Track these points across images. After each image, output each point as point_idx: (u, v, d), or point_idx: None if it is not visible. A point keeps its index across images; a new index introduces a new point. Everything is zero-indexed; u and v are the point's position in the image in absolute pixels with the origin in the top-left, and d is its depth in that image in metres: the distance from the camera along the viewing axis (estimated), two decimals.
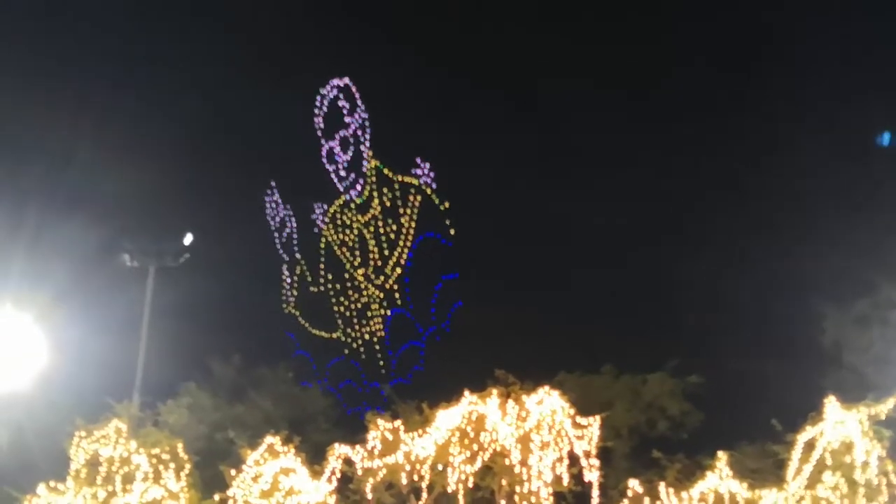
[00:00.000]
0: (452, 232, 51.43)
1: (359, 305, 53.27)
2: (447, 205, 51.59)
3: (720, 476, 21.16)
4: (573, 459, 21.86)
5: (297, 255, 55.01)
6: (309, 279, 54.44)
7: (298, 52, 51.54)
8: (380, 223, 53.15)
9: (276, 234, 55.46)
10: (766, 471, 22.57)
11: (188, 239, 38.28)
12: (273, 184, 55.61)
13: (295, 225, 55.24)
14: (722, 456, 21.43)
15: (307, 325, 53.84)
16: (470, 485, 22.13)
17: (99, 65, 49.01)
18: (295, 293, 54.79)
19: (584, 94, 47.24)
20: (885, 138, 38.24)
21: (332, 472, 22.57)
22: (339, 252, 53.88)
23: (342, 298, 53.61)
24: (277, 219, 55.56)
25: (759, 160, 43.86)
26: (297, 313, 54.28)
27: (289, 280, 55.05)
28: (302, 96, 54.44)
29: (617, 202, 45.26)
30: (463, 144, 49.47)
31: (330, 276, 53.95)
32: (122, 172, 43.14)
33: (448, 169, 51.30)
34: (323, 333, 53.54)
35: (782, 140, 43.27)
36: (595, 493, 21.79)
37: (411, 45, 51.69)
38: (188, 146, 49.13)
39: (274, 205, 55.62)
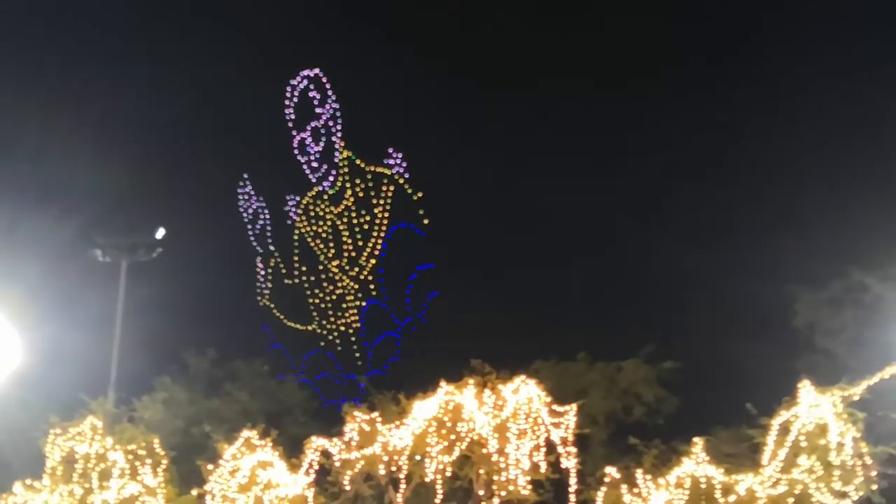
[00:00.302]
0: (426, 222, 51.46)
1: (334, 297, 53.17)
2: (420, 195, 51.62)
3: (696, 461, 21.25)
4: (550, 447, 21.93)
5: (271, 247, 54.83)
6: (283, 271, 54.28)
7: (269, 44, 51.36)
8: (353, 214, 53.04)
9: (250, 226, 55.24)
10: (742, 455, 22.72)
11: (160, 233, 38.03)
12: (245, 176, 55.40)
13: (268, 217, 55.05)
14: (698, 441, 21.52)
15: (282, 317, 53.69)
16: (448, 474, 22.17)
17: (69, 61, 48.77)
18: (269, 285, 54.61)
19: (557, 84, 47.46)
20: None
21: (310, 465, 22.56)
22: (312, 244, 53.73)
23: (317, 290, 53.49)
24: (250, 210, 55.34)
25: (731, 147, 44.11)
26: (272, 305, 54.12)
27: (263, 272, 54.85)
28: (273, 88, 54.26)
29: (591, 191, 45.47)
30: (435, 134, 49.51)
31: (304, 269, 53.79)
32: (93, 167, 42.87)
33: (420, 159, 51.40)
34: (298, 325, 53.41)
35: (755, 127, 43.55)
36: (573, 480, 21.87)
37: (383, 34, 51.70)
38: (159, 140, 48.98)
39: (247, 196, 55.38)
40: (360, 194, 52.88)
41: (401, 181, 52.11)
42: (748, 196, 42.16)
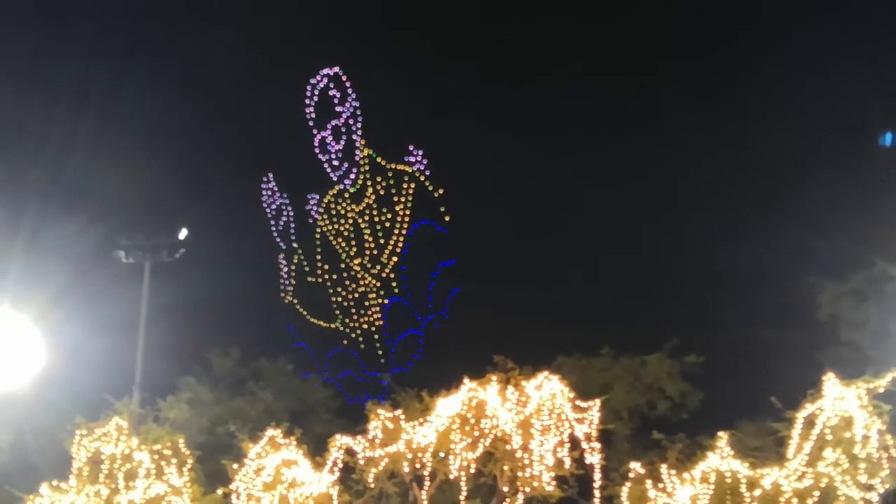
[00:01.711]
0: (448, 219, 51.51)
1: (356, 295, 53.28)
2: (441, 191, 51.66)
3: (721, 455, 21.18)
4: (574, 443, 21.86)
5: (294, 244, 54.98)
6: (306, 269, 54.42)
7: (289, 42, 51.49)
8: (374, 212, 53.14)
9: (273, 223, 55.40)
10: (767, 449, 22.61)
11: (183, 234, 38.22)
12: (270, 175, 55.56)
13: (292, 213, 55.19)
14: (723, 435, 21.43)
15: (305, 313, 53.82)
16: (472, 471, 22.16)
17: (92, 62, 48.97)
18: (293, 282, 54.77)
19: (579, 79, 47.37)
20: (888, 139, 38.33)
21: (335, 463, 22.57)
22: (334, 242, 53.85)
23: (339, 289, 53.61)
24: (273, 207, 55.49)
25: (754, 140, 43.94)
26: (296, 301, 54.26)
27: (286, 269, 55.02)
28: (294, 87, 54.41)
29: (614, 186, 45.39)
30: (455, 130, 49.49)
31: (326, 267, 53.92)
32: (116, 169, 43.08)
33: (441, 155, 51.43)
34: (322, 323, 53.55)
35: (777, 115, 43.34)
36: (597, 475, 21.80)
37: (402, 32, 51.71)
38: (180, 141, 49.14)
39: (270, 193, 55.53)
40: (382, 192, 52.99)
41: (422, 178, 52.17)
42: (771, 188, 42.03)
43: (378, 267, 52.92)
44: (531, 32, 50.96)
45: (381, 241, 52.89)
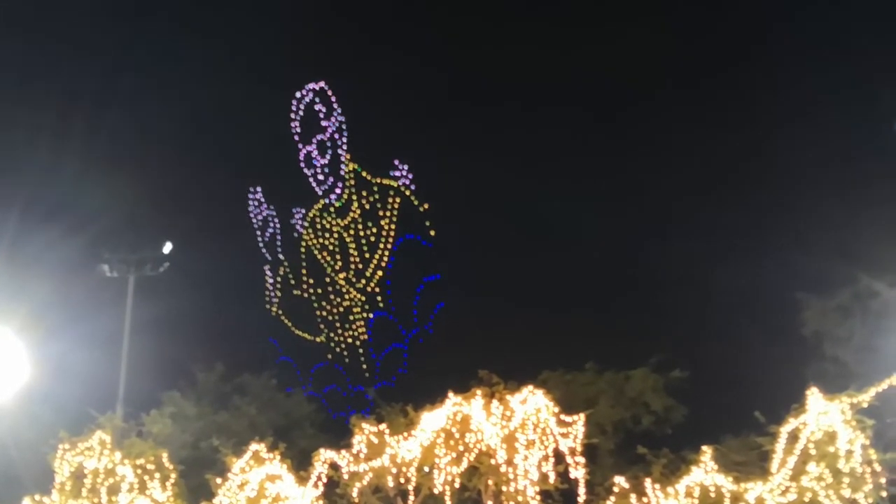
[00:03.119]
0: (433, 233, 51.53)
1: (341, 309, 53.22)
2: (427, 206, 51.68)
3: (705, 470, 21.21)
4: (559, 457, 21.91)
5: (281, 256, 54.91)
6: (292, 282, 54.36)
7: (275, 56, 51.57)
8: (359, 226, 53.12)
9: (259, 234, 55.34)
10: (751, 463, 22.68)
11: (167, 248, 38.11)
12: (259, 188, 55.54)
13: (278, 225, 55.15)
14: (707, 450, 21.48)
15: (290, 324, 53.71)
16: (456, 486, 22.14)
17: (77, 75, 48.96)
18: (278, 294, 54.68)
19: (562, 91, 47.54)
20: None
21: (319, 478, 22.55)
22: (319, 256, 53.81)
23: (324, 303, 53.54)
24: (260, 218, 55.45)
25: (739, 156, 44.10)
26: (280, 312, 54.17)
27: (272, 281, 54.93)
28: (280, 101, 54.43)
29: (598, 201, 45.49)
30: (441, 145, 49.58)
31: (311, 281, 53.87)
32: (101, 183, 42.99)
33: (427, 170, 51.50)
34: (306, 335, 53.47)
35: (763, 134, 43.55)
36: (581, 490, 21.85)
37: (389, 47, 51.82)
38: (166, 155, 49.07)
39: (257, 204, 55.49)
40: (367, 206, 52.99)
41: (407, 193, 52.21)
42: (756, 204, 42.18)
43: (363, 281, 52.89)
44: (521, 47, 51.13)
45: (367, 255, 52.89)
